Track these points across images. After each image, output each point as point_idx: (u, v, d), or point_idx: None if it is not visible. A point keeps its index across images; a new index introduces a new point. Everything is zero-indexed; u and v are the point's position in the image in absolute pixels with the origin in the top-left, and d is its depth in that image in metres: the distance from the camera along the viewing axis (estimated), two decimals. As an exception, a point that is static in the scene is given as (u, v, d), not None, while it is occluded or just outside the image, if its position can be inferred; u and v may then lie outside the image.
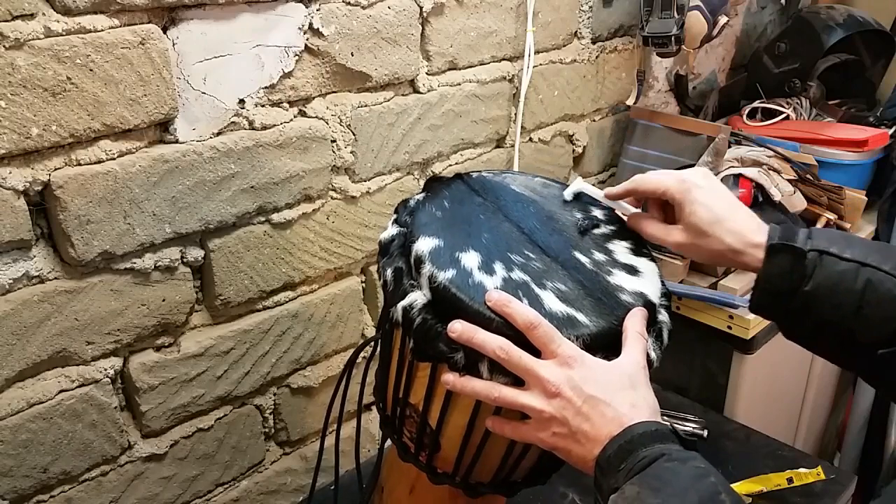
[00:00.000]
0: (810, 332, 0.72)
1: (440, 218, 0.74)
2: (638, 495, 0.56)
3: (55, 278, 0.80)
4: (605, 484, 0.59)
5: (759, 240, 0.72)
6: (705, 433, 1.21)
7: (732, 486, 0.57)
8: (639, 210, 0.80)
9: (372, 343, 0.85)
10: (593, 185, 1.47)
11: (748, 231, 0.72)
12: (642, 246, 0.78)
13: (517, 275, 0.68)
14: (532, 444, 0.71)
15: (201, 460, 0.99)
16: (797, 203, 1.34)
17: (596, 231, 0.78)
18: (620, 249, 0.77)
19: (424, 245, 0.68)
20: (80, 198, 0.77)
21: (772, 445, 1.20)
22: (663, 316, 0.72)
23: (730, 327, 1.24)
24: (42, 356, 0.80)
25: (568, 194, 0.81)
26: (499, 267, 0.69)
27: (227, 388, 0.98)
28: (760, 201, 1.28)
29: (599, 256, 0.74)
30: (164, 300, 0.88)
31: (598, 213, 0.82)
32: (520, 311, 0.63)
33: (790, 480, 1.09)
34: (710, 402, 1.31)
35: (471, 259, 0.68)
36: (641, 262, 0.75)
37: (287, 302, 1.02)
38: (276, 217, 0.96)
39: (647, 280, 0.73)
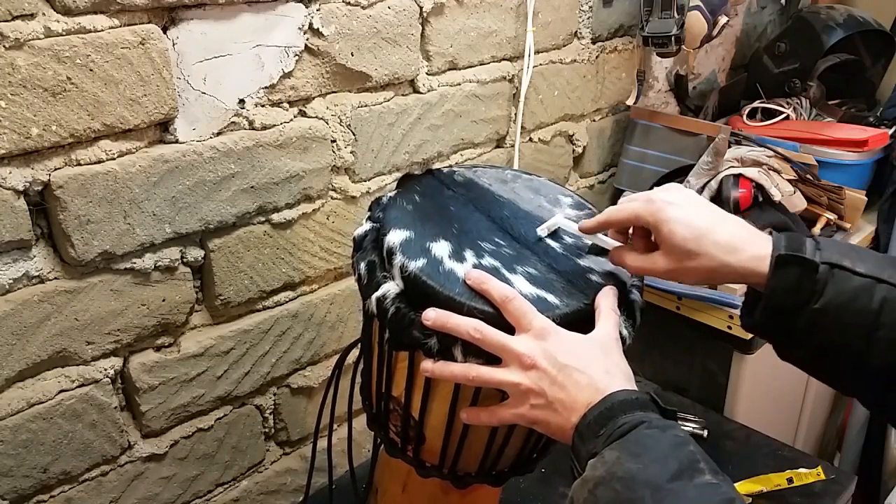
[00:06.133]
0: (812, 354, 0.66)
1: (411, 211, 0.76)
2: (618, 460, 0.56)
3: (55, 278, 0.80)
4: (584, 449, 0.60)
5: (757, 251, 0.65)
6: (705, 433, 1.21)
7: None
8: (620, 243, 0.74)
9: (359, 345, 0.86)
10: (590, 184, 1.49)
11: (740, 241, 0.66)
12: None
13: (487, 261, 0.70)
14: (514, 429, 0.72)
15: (201, 460, 0.99)
16: (797, 203, 1.34)
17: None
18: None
19: (395, 237, 0.70)
20: (80, 198, 0.77)
21: (772, 445, 1.20)
22: (635, 295, 0.73)
23: (730, 327, 1.24)
24: (42, 356, 0.80)
25: (542, 231, 0.76)
26: (469, 255, 0.70)
27: (227, 388, 0.98)
28: (760, 201, 1.28)
29: (569, 241, 0.76)
30: (164, 300, 0.88)
31: (566, 203, 0.82)
32: (496, 286, 0.65)
33: (790, 480, 1.09)
34: (710, 402, 1.31)
35: (441, 248, 0.70)
36: (612, 245, 0.76)
37: (287, 302, 1.02)
38: (276, 217, 0.96)
39: None
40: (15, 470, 0.81)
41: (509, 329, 0.65)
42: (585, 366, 0.63)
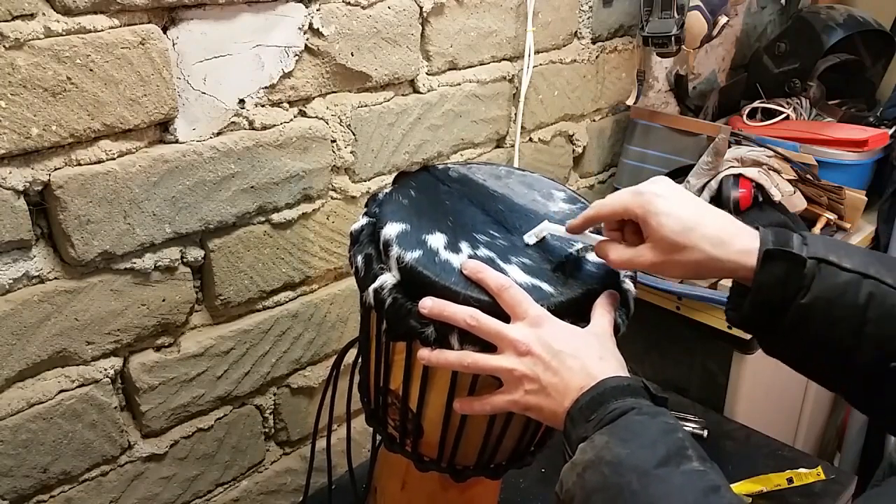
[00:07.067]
0: (800, 350, 0.66)
1: (407, 205, 0.77)
2: (607, 444, 0.57)
3: (55, 278, 0.80)
4: (575, 434, 0.61)
5: (744, 245, 0.65)
6: (705, 433, 1.21)
7: (732, 486, 0.57)
8: (605, 238, 0.72)
9: (356, 345, 0.86)
10: (590, 184, 1.49)
11: (728, 235, 0.65)
12: None
13: (482, 252, 0.71)
14: (511, 420, 0.73)
15: (201, 460, 0.99)
16: (797, 203, 1.34)
17: (560, 211, 0.81)
18: None
19: (392, 230, 0.71)
20: (80, 198, 0.77)
21: (772, 445, 1.20)
22: (627, 285, 0.75)
23: (730, 327, 1.23)
24: (42, 356, 0.80)
25: (530, 238, 0.75)
26: (464, 246, 0.71)
27: (227, 388, 0.98)
28: (760, 201, 1.28)
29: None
30: (164, 300, 0.88)
31: (560, 197, 0.83)
32: (492, 275, 0.67)
33: (790, 480, 1.09)
34: (710, 402, 1.31)
35: (437, 240, 0.71)
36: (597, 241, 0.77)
37: (287, 302, 1.02)
38: (276, 217, 0.96)
39: None
40: (15, 470, 0.81)
41: (505, 317, 0.66)
42: (579, 352, 0.64)
